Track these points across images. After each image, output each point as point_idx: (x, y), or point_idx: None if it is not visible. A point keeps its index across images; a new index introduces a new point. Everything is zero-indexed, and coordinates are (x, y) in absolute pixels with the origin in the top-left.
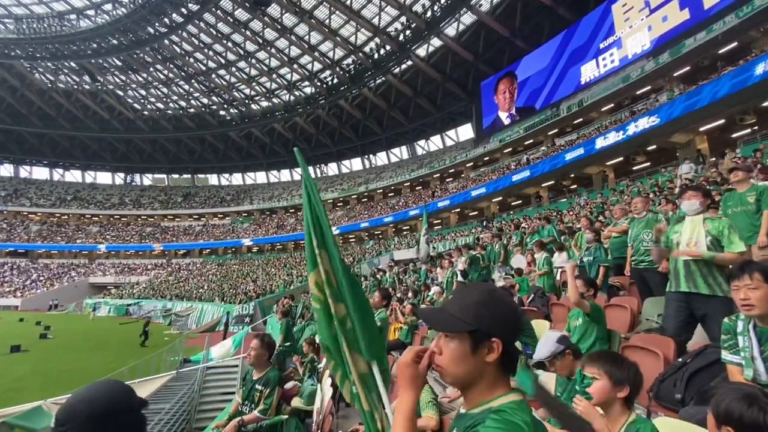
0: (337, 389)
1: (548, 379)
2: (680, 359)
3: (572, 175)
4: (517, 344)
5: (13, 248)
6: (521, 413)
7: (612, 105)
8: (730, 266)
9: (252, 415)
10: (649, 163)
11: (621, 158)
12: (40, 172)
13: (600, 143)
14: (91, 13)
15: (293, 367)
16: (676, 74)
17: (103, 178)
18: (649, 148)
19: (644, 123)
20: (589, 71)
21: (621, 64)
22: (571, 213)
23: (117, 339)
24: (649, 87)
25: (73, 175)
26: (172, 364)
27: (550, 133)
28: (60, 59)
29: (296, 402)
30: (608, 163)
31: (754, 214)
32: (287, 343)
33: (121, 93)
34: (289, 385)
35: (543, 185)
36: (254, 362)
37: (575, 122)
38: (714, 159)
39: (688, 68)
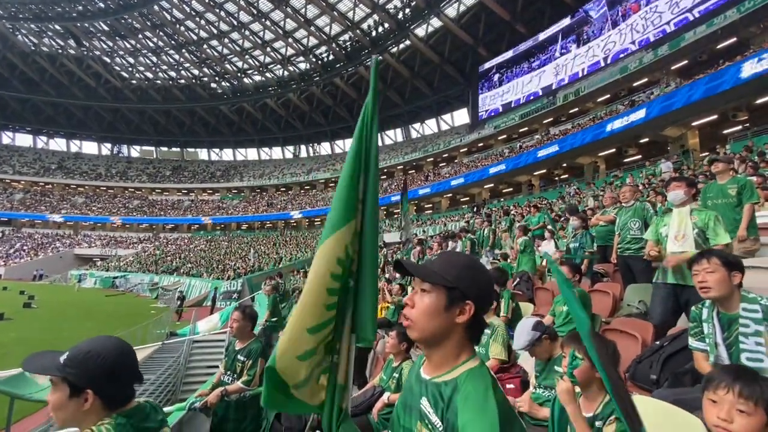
0: None
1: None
2: (657, 342)
3: (564, 165)
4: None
5: None
6: (484, 378)
7: (608, 96)
8: None
9: (235, 386)
10: (640, 156)
11: (614, 149)
12: (24, 139)
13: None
14: None
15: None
16: (674, 67)
17: (89, 147)
18: (642, 141)
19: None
20: (588, 60)
21: (620, 53)
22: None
23: (103, 310)
24: (646, 79)
25: (58, 144)
26: (158, 337)
27: (545, 121)
28: (44, 21)
29: None
30: (601, 154)
31: (734, 207)
32: (274, 318)
33: (108, 60)
34: None
35: (535, 173)
36: (237, 333)
37: (571, 111)
38: (707, 154)
39: (685, 62)
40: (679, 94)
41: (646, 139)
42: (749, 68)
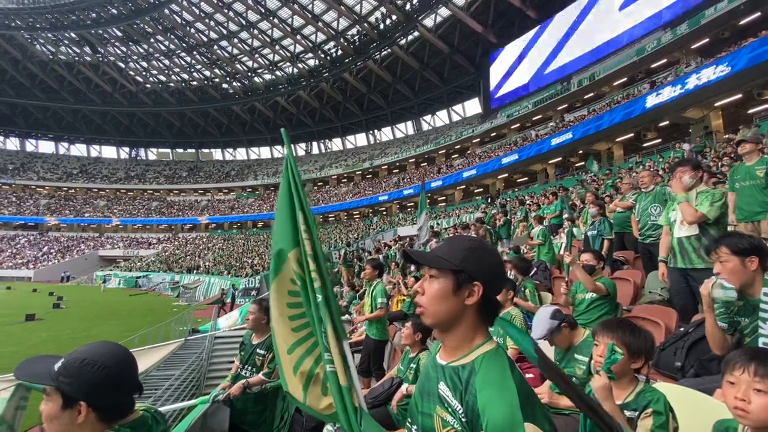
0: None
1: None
2: (682, 329)
3: (580, 152)
4: (518, 314)
5: (23, 221)
6: (501, 360)
7: (625, 79)
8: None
9: (257, 378)
10: (660, 140)
11: (632, 134)
12: (46, 146)
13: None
14: None
15: None
16: (694, 46)
17: (108, 152)
18: (662, 124)
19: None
20: (604, 43)
21: (638, 34)
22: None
23: (127, 309)
24: (665, 60)
25: (78, 149)
26: (181, 333)
27: (559, 108)
28: (60, 30)
29: None
30: (618, 140)
31: (763, 189)
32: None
33: (122, 65)
34: None
35: (550, 162)
36: (253, 326)
37: (586, 97)
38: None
39: (706, 40)
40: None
41: (666, 123)
42: None
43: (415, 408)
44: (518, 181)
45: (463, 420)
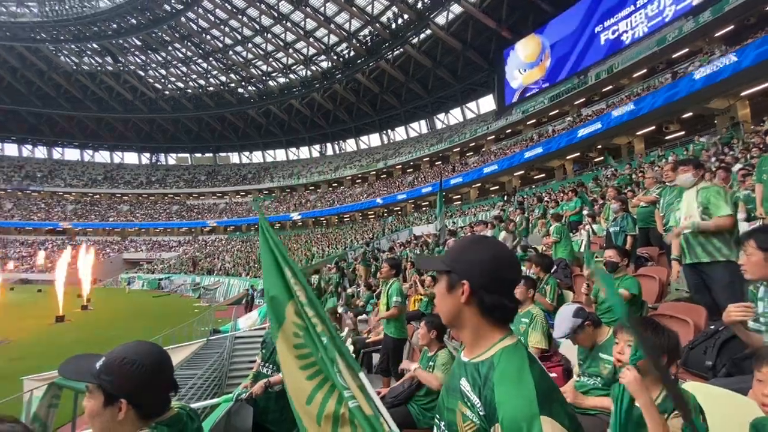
0: (358, 354)
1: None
2: (712, 326)
3: (599, 147)
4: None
5: (51, 227)
6: (521, 354)
7: (645, 70)
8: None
9: (278, 377)
10: (683, 132)
11: (653, 127)
12: (72, 154)
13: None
14: None
15: None
16: (717, 34)
17: (130, 158)
18: (685, 116)
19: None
20: (626, 30)
21: (658, 24)
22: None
23: (151, 310)
24: (687, 49)
25: (102, 156)
26: (202, 333)
27: (576, 102)
28: (82, 41)
29: None
30: (638, 133)
31: None
32: None
33: (142, 73)
34: None
35: (568, 157)
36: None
37: (604, 90)
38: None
39: (731, 27)
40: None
41: (690, 114)
42: None
43: (442, 404)
44: (535, 177)
45: (481, 414)
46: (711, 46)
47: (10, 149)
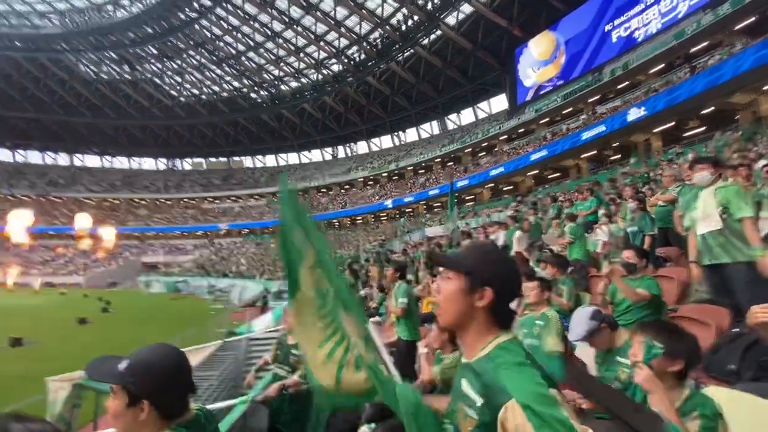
0: None
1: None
2: (736, 329)
3: (615, 145)
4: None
5: (73, 231)
6: (518, 349)
7: (662, 65)
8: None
9: (293, 380)
10: (704, 128)
11: (672, 123)
12: (92, 160)
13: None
14: (126, 3)
15: None
16: (738, 27)
17: (148, 164)
18: (704, 111)
19: None
20: (639, 27)
21: (671, 20)
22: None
23: (169, 313)
24: (706, 43)
25: (121, 162)
26: (218, 335)
27: (590, 100)
28: (101, 50)
29: None
30: (656, 130)
31: None
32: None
33: (158, 81)
34: None
35: (582, 156)
36: (292, 328)
37: (619, 87)
38: None
39: (753, 19)
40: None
41: (710, 109)
42: None
43: (450, 408)
44: (549, 177)
45: (479, 404)
46: (731, 39)
47: (34, 157)
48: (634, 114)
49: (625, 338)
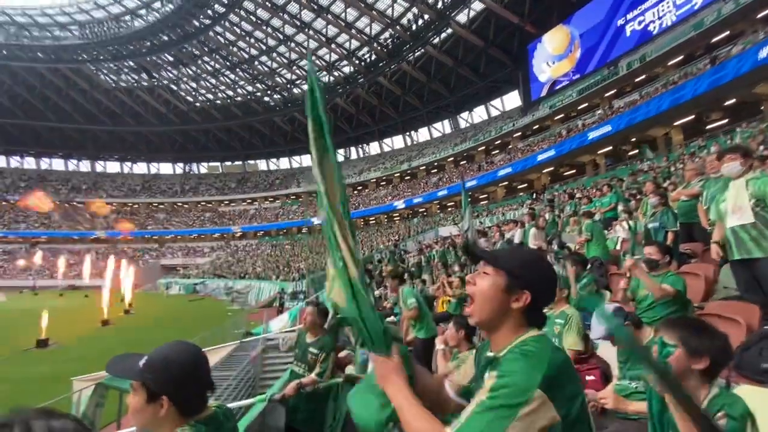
0: None
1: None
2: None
3: (633, 139)
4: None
5: (95, 236)
6: (540, 344)
7: (682, 57)
8: None
9: (310, 378)
10: (726, 120)
11: (693, 116)
12: (113, 166)
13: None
14: (143, 13)
15: (345, 338)
16: (760, 15)
17: (165, 168)
18: (727, 103)
19: None
20: (653, 20)
21: (687, 12)
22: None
23: (188, 314)
24: (727, 32)
25: (140, 168)
26: (235, 336)
27: (606, 94)
28: (120, 59)
29: (350, 370)
30: (676, 123)
31: None
32: (337, 315)
33: (174, 87)
34: (342, 353)
35: (599, 152)
36: (309, 326)
37: (636, 80)
38: None
39: None
40: None
41: (733, 101)
42: None
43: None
44: (565, 174)
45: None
46: (754, 27)
47: (57, 164)
48: (656, 106)
49: (649, 336)
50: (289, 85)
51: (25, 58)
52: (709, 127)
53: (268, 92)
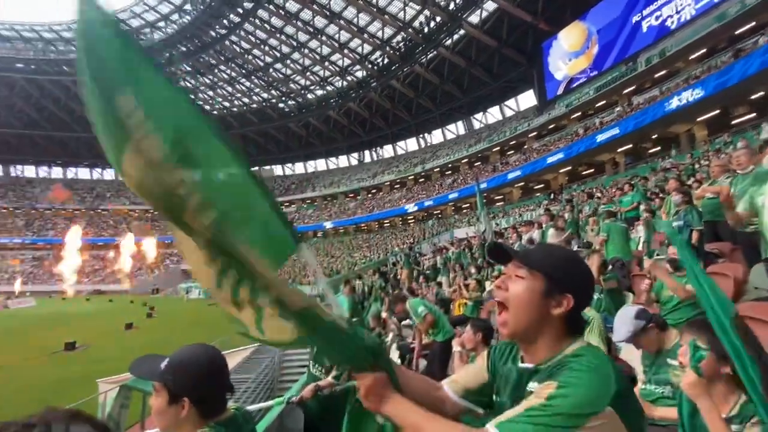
0: (404, 360)
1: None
2: None
3: (654, 137)
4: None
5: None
6: (601, 357)
7: (704, 50)
8: None
9: (327, 381)
10: (754, 114)
11: (717, 111)
12: None
13: None
14: (162, 25)
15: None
16: None
17: None
18: (754, 96)
19: None
20: (671, 15)
21: (707, 5)
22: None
23: (207, 318)
24: (753, 23)
25: None
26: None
27: (625, 91)
28: None
29: None
30: (700, 119)
31: None
32: (354, 319)
33: (192, 96)
34: None
35: (619, 150)
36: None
37: (656, 76)
38: None
39: None
40: None
41: (761, 94)
42: None
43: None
44: (583, 173)
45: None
46: None
47: (83, 173)
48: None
49: (675, 339)
50: (303, 91)
51: (51, 72)
52: (734, 122)
53: (283, 98)
